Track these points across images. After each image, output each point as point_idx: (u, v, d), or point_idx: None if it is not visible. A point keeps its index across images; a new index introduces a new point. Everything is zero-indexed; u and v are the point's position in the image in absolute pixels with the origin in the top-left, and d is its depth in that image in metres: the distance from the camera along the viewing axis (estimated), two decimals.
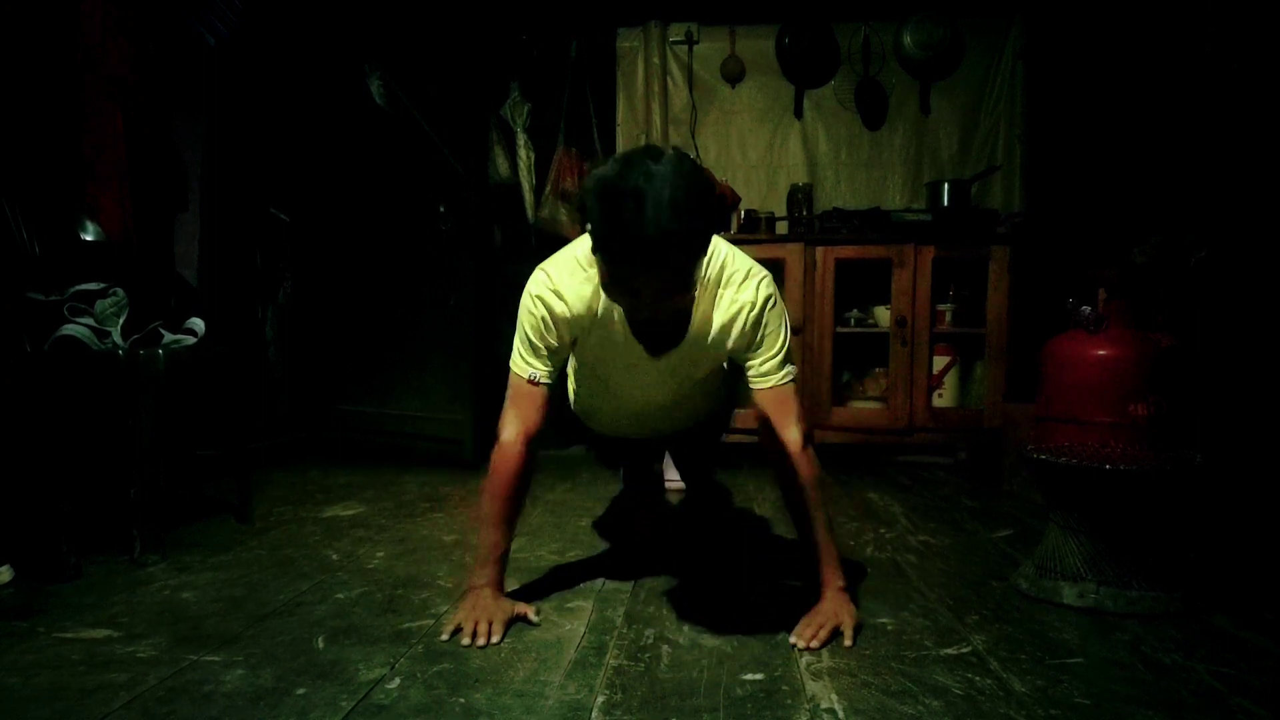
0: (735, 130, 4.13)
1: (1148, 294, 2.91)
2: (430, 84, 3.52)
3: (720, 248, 1.67)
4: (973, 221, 3.66)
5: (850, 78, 4.05)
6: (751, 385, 1.69)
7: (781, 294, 1.72)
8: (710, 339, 1.67)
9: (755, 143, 4.12)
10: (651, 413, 1.95)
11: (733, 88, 4.12)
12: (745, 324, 1.64)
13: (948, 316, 3.67)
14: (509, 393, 1.72)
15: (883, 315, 3.66)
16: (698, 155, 4.04)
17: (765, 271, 1.68)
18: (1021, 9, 3.95)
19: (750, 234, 3.73)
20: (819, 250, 3.62)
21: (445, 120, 3.49)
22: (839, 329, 3.66)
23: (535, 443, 1.71)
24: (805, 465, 1.68)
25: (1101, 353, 2.57)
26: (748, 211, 3.82)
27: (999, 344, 3.57)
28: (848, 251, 3.63)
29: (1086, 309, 2.63)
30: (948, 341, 3.68)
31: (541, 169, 4.06)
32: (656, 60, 4.08)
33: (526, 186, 4.05)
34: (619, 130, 4.14)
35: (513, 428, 1.69)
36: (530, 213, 4.04)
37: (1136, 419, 2.51)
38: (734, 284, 1.64)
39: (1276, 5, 3.01)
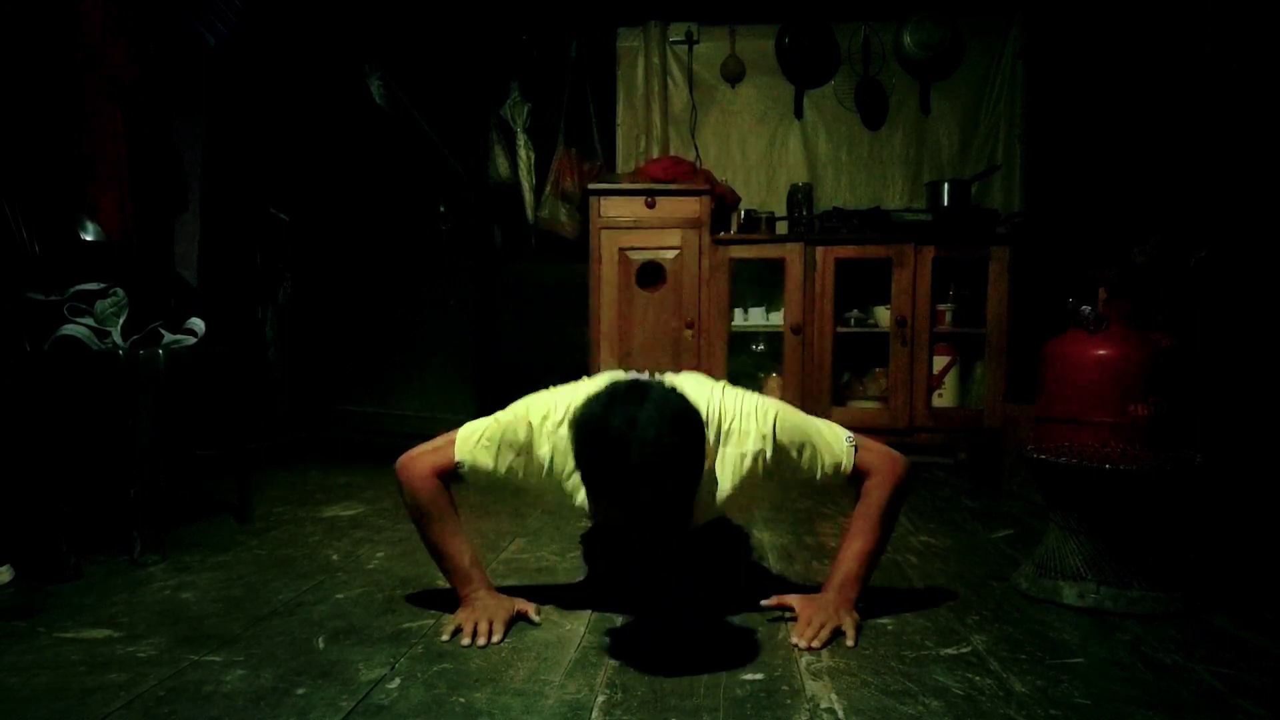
0: (735, 130, 4.13)
1: (1148, 294, 2.91)
2: (430, 84, 3.53)
3: (713, 403, 1.60)
4: (973, 221, 3.66)
5: (850, 78, 4.05)
6: (833, 485, 1.67)
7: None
8: (721, 499, 1.61)
9: (755, 143, 4.12)
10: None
11: (733, 88, 4.12)
12: (770, 465, 1.59)
13: (948, 316, 3.67)
14: (435, 450, 1.65)
15: (883, 315, 3.66)
16: (698, 155, 4.05)
17: (757, 403, 1.63)
18: (1021, 9, 3.96)
19: (750, 234, 3.73)
20: (819, 250, 3.62)
21: (445, 120, 3.49)
22: (839, 329, 3.66)
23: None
24: (875, 496, 1.65)
25: (1101, 353, 2.57)
26: (748, 211, 3.82)
27: (999, 344, 3.57)
28: (848, 251, 3.63)
29: (1086, 309, 2.63)
30: (948, 341, 3.68)
31: (541, 169, 4.06)
32: (656, 60, 4.08)
33: (526, 186, 4.05)
34: (619, 130, 4.14)
35: (432, 476, 1.63)
36: (530, 213, 4.04)
37: (1136, 419, 2.51)
38: (734, 439, 1.59)
39: (1276, 5, 3.01)
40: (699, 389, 1.62)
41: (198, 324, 2.34)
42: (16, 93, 2.14)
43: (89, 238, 2.42)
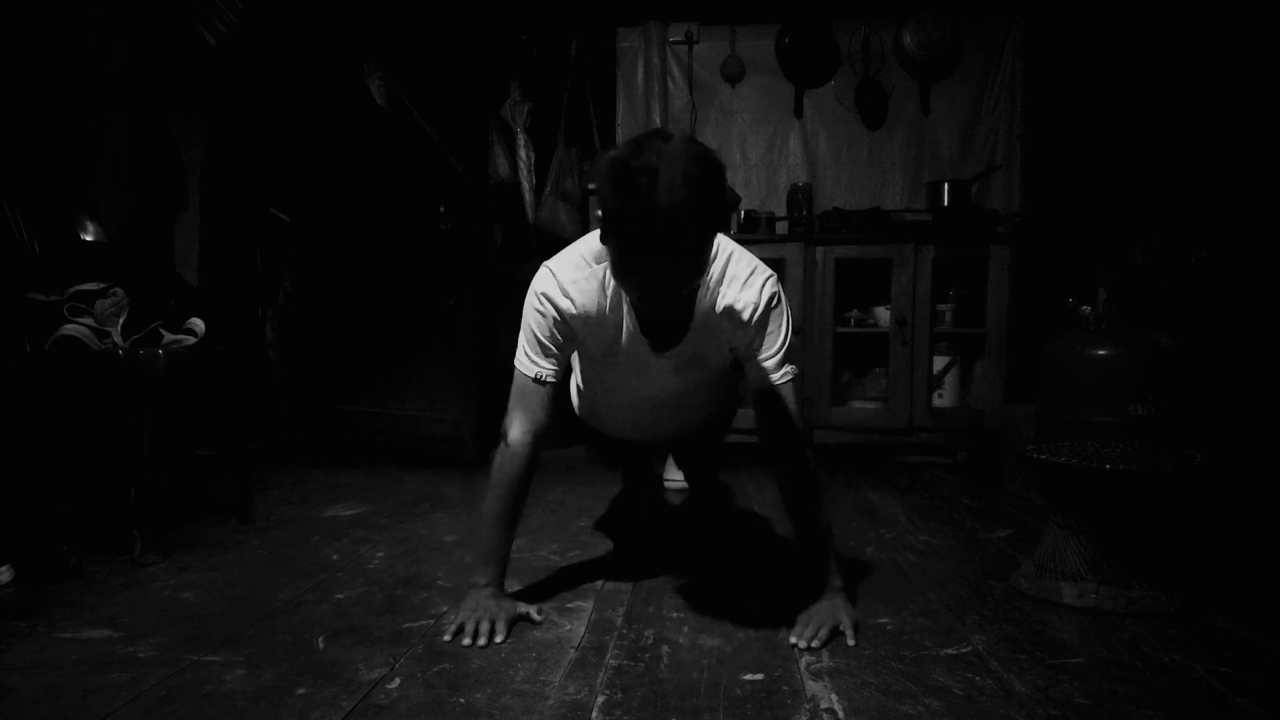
0: (735, 130, 4.13)
1: (1148, 294, 2.91)
2: (430, 84, 3.52)
3: (725, 245, 1.67)
4: (973, 221, 3.66)
5: (850, 78, 4.05)
6: (750, 384, 1.69)
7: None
8: (712, 336, 1.67)
9: (755, 143, 4.12)
10: (655, 412, 1.95)
11: (733, 88, 4.12)
12: (749, 323, 1.64)
13: (948, 316, 3.67)
14: (514, 390, 1.71)
15: (883, 315, 3.66)
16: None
17: (769, 271, 1.68)
18: (1021, 9, 3.96)
19: (750, 234, 3.73)
20: (819, 250, 3.63)
21: (445, 120, 3.49)
22: (839, 329, 3.66)
23: (540, 442, 1.70)
24: (802, 465, 1.68)
25: (1101, 353, 2.57)
26: (748, 211, 3.82)
27: (999, 344, 3.57)
28: (848, 251, 3.63)
29: (1086, 309, 2.63)
30: (948, 341, 3.68)
31: (541, 169, 4.06)
32: (656, 60, 4.08)
33: (526, 186, 4.05)
34: (619, 130, 4.14)
35: (519, 426, 1.68)
36: (530, 213, 4.04)
37: (1136, 419, 2.51)
38: (737, 283, 1.64)
39: (1276, 5, 3.01)
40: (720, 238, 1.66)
41: (198, 324, 2.34)
42: (17, 93, 2.14)
43: (89, 238, 2.42)
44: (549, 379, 1.69)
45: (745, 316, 1.63)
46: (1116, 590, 1.75)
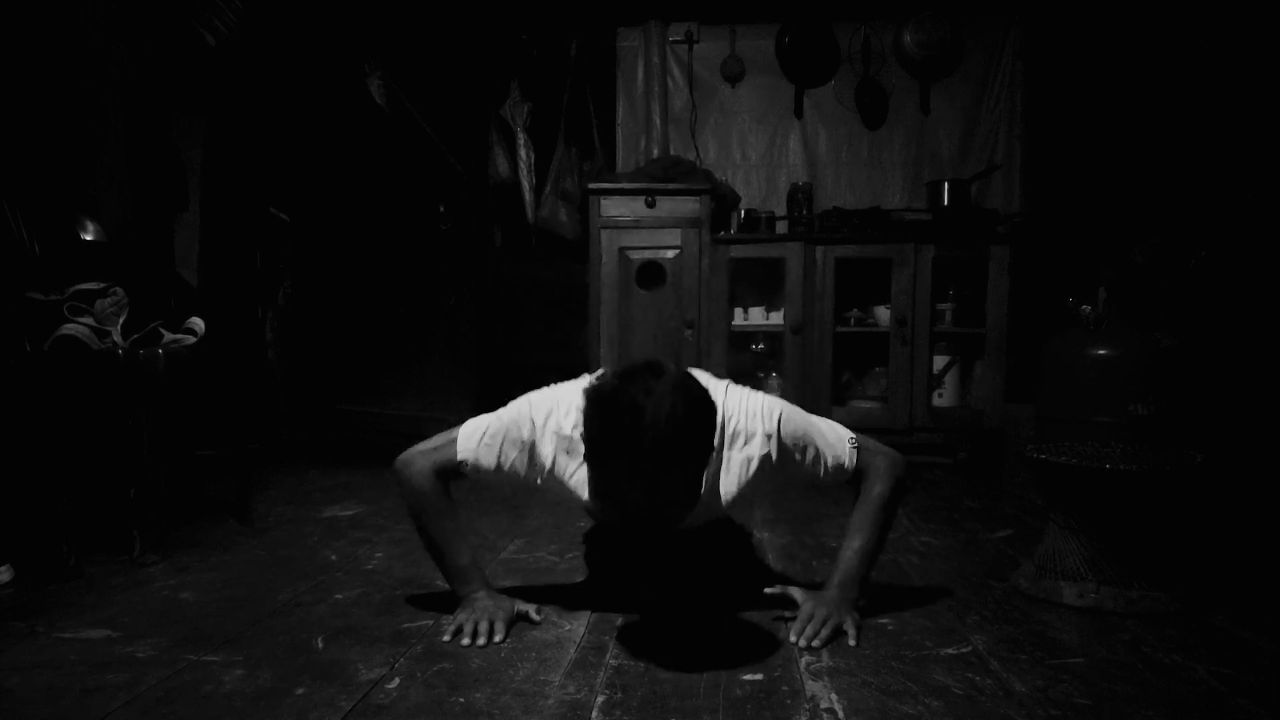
0: (735, 130, 4.13)
1: (1148, 294, 2.91)
2: (430, 84, 3.52)
3: (717, 402, 1.57)
4: (973, 221, 3.66)
5: (850, 78, 4.05)
6: (841, 482, 1.67)
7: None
8: (726, 500, 1.61)
9: (755, 143, 4.12)
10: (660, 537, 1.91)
11: (733, 88, 4.12)
12: (774, 465, 1.59)
13: (948, 316, 3.67)
14: (436, 448, 1.65)
15: (883, 315, 3.66)
16: (698, 155, 4.05)
17: (762, 403, 1.63)
18: (1021, 9, 3.96)
19: (750, 234, 3.73)
20: (819, 250, 3.62)
21: (445, 120, 3.49)
22: (839, 329, 3.66)
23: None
24: (877, 491, 1.65)
25: (1101, 353, 2.57)
26: (748, 211, 3.82)
27: (999, 344, 3.57)
28: (848, 251, 3.63)
29: (1086, 309, 2.63)
30: (948, 341, 3.68)
31: (541, 169, 4.06)
32: (656, 60, 4.08)
33: (526, 186, 4.05)
34: (619, 130, 4.14)
35: (433, 475, 1.63)
36: (530, 213, 4.04)
37: (1136, 419, 2.51)
38: (739, 442, 1.59)
39: (1276, 5, 3.01)
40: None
41: (198, 324, 2.34)
42: (17, 93, 2.14)
43: (89, 238, 2.42)
44: (470, 473, 1.64)
45: (768, 466, 1.58)
46: (1117, 590, 1.74)
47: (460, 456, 1.63)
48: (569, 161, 4.04)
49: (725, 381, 1.71)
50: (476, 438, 1.63)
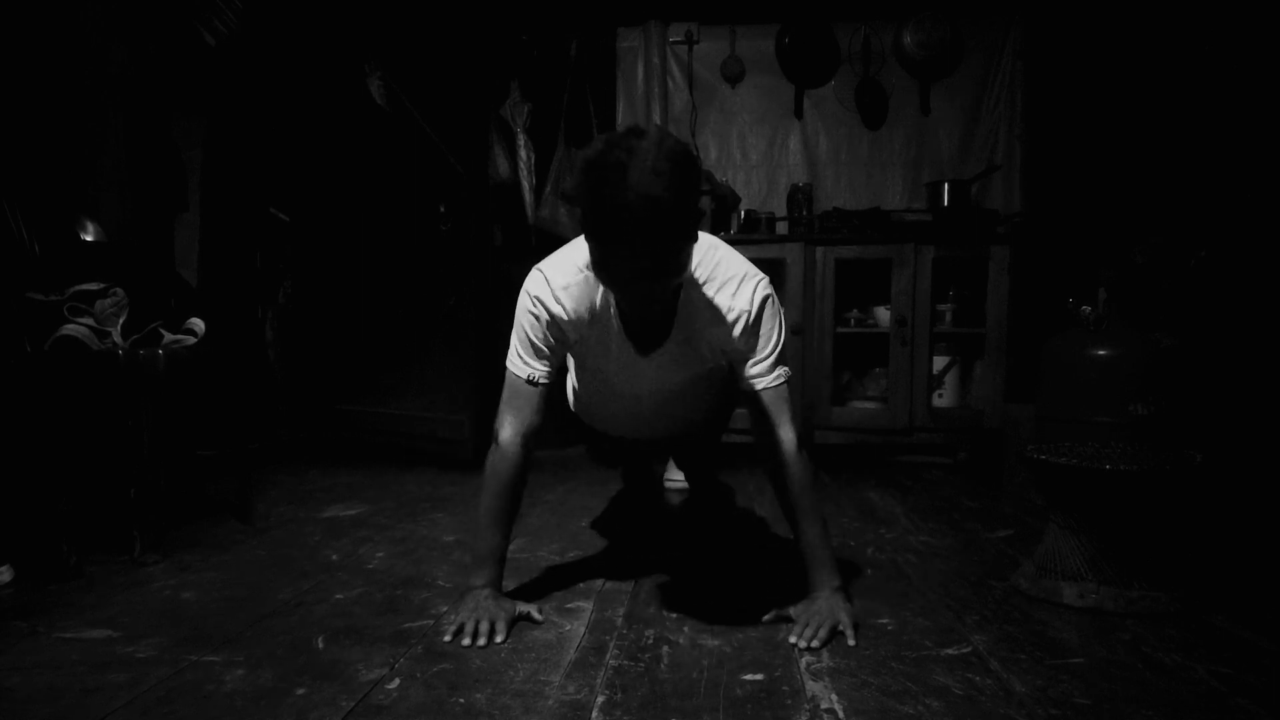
0: (735, 130, 4.13)
1: (1148, 294, 2.91)
2: (430, 84, 3.52)
3: (715, 247, 1.67)
4: (973, 221, 3.66)
5: (850, 78, 4.05)
6: (742, 386, 1.69)
7: (782, 295, 1.72)
8: (701, 337, 1.66)
9: (755, 143, 4.12)
10: (647, 412, 1.95)
11: (733, 88, 4.12)
12: (743, 329, 1.63)
13: (948, 316, 3.67)
14: (505, 392, 1.71)
15: (883, 315, 3.66)
16: (698, 155, 4.05)
17: (761, 274, 1.68)
18: (1021, 9, 3.96)
19: (750, 234, 3.73)
20: (819, 250, 3.62)
21: (445, 120, 3.49)
22: (839, 329, 3.66)
23: (533, 442, 1.71)
24: (798, 466, 1.68)
25: (1101, 353, 2.57)
26: (748, 211, 3.82)
27: (999, 344, 3.57)
28: (848, 251, 3.63)
29: (1086, 309, 2.63)
30: (948, 341, 3.68)
31: (541, 169, 4.06)
32: (656, 60, 4.08)
33: (526, 186, 4.05)
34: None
35: (511, 427, 1.69)
36: (530, 213, 4.04)
37: (1136, 419, 2.51)
38: (728, 288, 1.63)
39: (1276, 5, 3.01)
40: (706, 237, 1.65)
41: (198, 324, 2.34)
42: (17, 93, 2.14)
43: (89, 238, 2.42)
44: (541, 380, 1.69)
45: (737, 321, 1.63)
46: (1117, 590, 1.74)
47: (522, 376, 1.68)
48: (569, 162, 4.04)
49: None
50: (516, 358, 1.70)
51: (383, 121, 3.63)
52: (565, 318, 1.65)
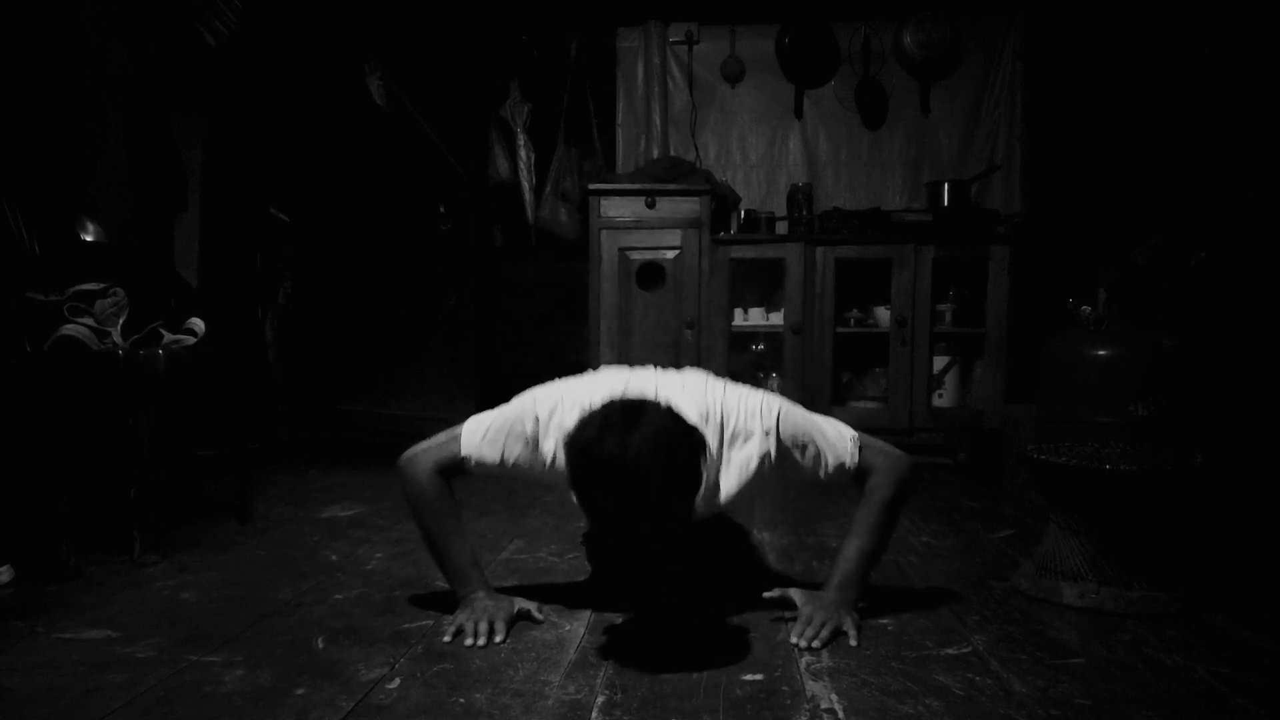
0: (735, 130, 4.13)
1: (1148, 294, 2.91)
2: (430, 84, 3.53)
3: (716, 404, 1.59)
4: (973, 221, 3.66)
5: (850, 78, 4.05)
6: (839, 483, 1.66)
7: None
8: (726, 499, 1.61)
9: (755, 143, 4.12)
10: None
11: (733, 88, 4.12)
12: (774, 463, 1.58)
13: (948, 316, 3.67)
14: (441, 449, 1.65)
15: (883, 315, 3.66)
16: (698, 155, 4.05)
17: (761, 401, 1.62)
18: (1021, 9, 3.96)
19: (750, 234, 3.73)
20: (819, 250, 3.62)
21: (445, 120, 3.49)
22: (839, 329, 3.66)
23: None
24: (878, 493, 1.64)
25: (1101, 353, 2.57)
26: (748, 211, 3.82)
27: (999, 344, 3.57)
28: (848, 251, 3.63)
29: (1086, 309, 2.63)
30: (948, 341, 3.68)
31: (541, 169, 4.06)
32: (656, 60, 4.08)
33: (526, 186, 4.05)
34: (619, 130, 4.14)
35: (435, 474, 1.64)
36: (530, 213, 4.04)
37: (1136, 419, 2.51)
38: (739, 441, 1.58)
39: (1276, 6, 3.01)
40: (701, 389, 1.62)
41: (198, 324, 2.34)
42: (17, 93, 2.14)
43: (89, 238, 2.42)
44: (473, 470, 1.65)
45: (767, 464, 1.57)
46: (1117, 590, 1.74)
47: (464, 453, 1.64)
48: (569, 162, 4.05)
49: (724, 380, 1.70)
50: (480, 434, 1.64)
51: (383, 122, 3.63)
52: (553, 472, 1.58)
